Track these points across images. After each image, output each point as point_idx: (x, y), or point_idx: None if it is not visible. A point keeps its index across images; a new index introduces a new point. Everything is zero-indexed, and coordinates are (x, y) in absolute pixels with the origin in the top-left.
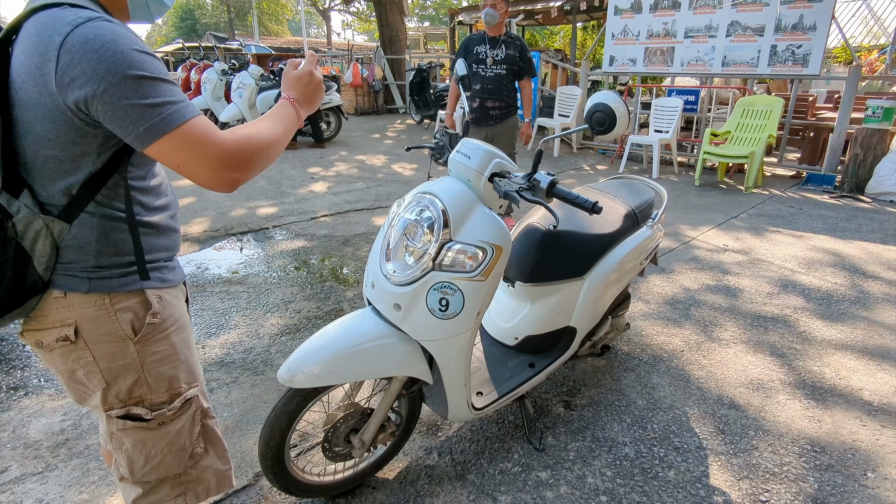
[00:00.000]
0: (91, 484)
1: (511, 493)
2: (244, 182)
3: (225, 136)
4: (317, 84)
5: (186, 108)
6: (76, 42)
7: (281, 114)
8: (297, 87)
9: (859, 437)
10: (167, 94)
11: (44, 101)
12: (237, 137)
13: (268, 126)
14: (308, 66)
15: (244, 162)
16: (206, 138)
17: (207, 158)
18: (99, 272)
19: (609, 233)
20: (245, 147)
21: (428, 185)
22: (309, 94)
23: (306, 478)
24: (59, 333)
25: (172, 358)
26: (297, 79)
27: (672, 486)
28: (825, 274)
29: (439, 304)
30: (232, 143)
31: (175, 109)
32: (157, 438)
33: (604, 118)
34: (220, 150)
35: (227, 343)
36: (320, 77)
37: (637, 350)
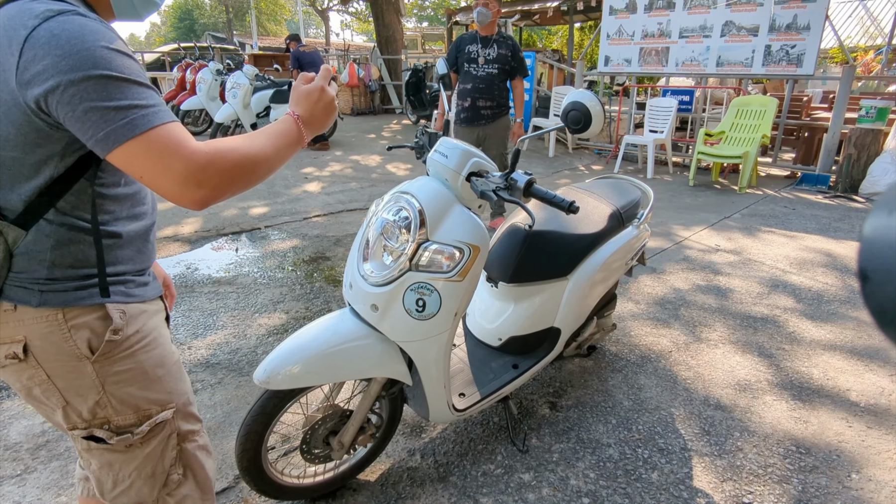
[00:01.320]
0: (69, 486)
1: (493, 495)
2: (217, 201)
3: (197, 148)
4: (328, 102)
5: (156, 113)
6: (42, 36)
7: (279, 130)
8: (305, 104)
9: (845, 438)
10: (135, 98)
11: (3, 98)
12: (212, 150)
13: (258, 142)
14: (320, 82)
15: (216, 178)
16: (174, 147)
17: (174, 170)
18: (51, 284)
19: (593, 233)
20: (219, 162)
21: (405, 184)
22: (317, 112)
23: (285, 480)
24: (7, 350)
25: (140, 378)
26: (306, 94)
27: (655, 487)
28: (816, 274)
29: (416, 305)
30: (204, 156)
31: (142, 114)
32: (124, 462)
33: (579, 117)
34: (188, 161)
35: (213, 344)
36: (333, 95)
37: (625, 350)
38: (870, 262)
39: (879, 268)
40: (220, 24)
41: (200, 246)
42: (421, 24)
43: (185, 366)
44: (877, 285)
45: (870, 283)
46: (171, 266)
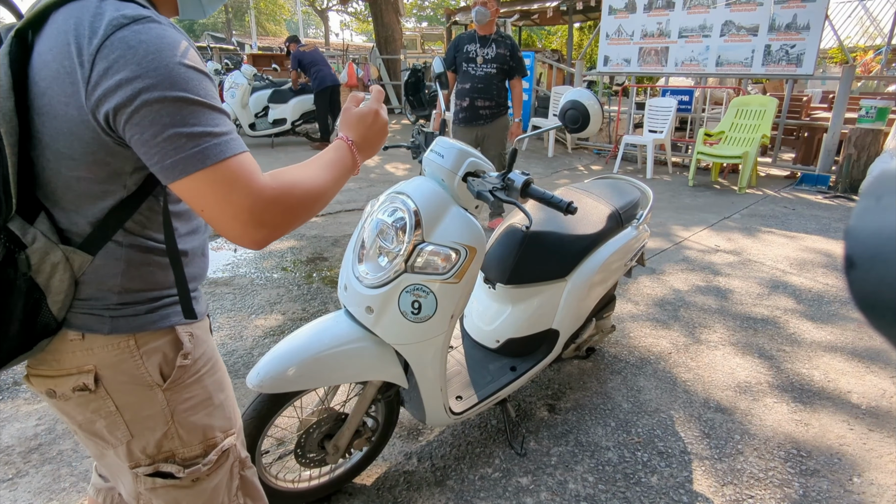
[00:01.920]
0: (61, 491)
1: (490, 499)
2: (277, 238)
3: (266, 183)
4: (382, 126)
5: (229, 143)
6: (116, 47)
7: (334, 159)
8: (359, 128)
9: (846, 441)
10: (209, 124)
11: (70, 114)
12: (280, 184)
13: (318, 174)
14: (374, 105)
15: (282, 216)
16: (245, 182)
17: (239, 206)
18: (122, 309)
19: (592, 233)
20: (285, 198)
21: (401, 185)
22: (371, 137)
23: (280, 484)
24: (75, 382)
25: (206, 404)
26: (360, 118)
27: (654, 491)
28: (817, 275)
29: (412, 307)
30: (272, 192)
31: (215, 143)
32: (192, 497)
33: (577, 116)
34: (257, 197)
35: None
36: (386, 118)
37: (624, 352)
38: (856, 249)
39: (865, 254)
40: (220, 24)
41: None
42: (420, 24)
43: None
44: (862, 271)
45: (855, 270)
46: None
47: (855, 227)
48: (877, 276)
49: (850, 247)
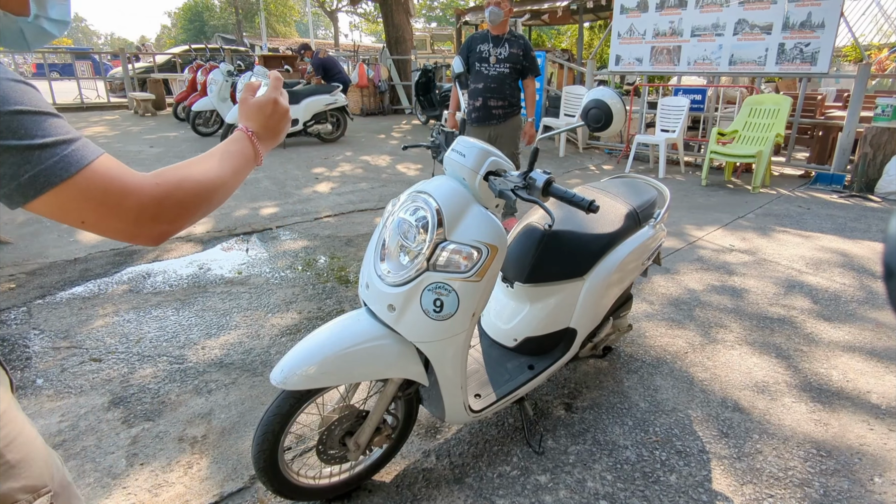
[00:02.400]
0: (86, 486)
1: (509, 496)
2: (175, 234)
3: (145, 181)
4: (283, 114)
5: (86, 146)
6: None
7: (233, 150)
8: (259, 118)
9: (866, 440)
10: (59, 132)
11: None
12: (165, 182)
13: (211, 166)
14: (273, 93)
15: (174, 210)
16: (119, 183)
17: (125, 207)
18: None
19: (610, 232)
20: (175, 194)
21: (422, 184)
22: (272, 126)
23: (301, 481)
24: None
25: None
26: (258, 108)
27: (674, 490)
28: (833, 274)
29: (434, 305)
30: (156, 190)
31: (73, 150)
32: None
33: (600, 115)
34: (139, 198)
35: (227, 344)
36: (287, 105)
37: (640, 351)
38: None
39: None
40: (230, 25)
41: (212, 246)
42: (430, 25)
43: (199, 366)
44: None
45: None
46: (183, 266)
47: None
48: None
49: (889, 256)
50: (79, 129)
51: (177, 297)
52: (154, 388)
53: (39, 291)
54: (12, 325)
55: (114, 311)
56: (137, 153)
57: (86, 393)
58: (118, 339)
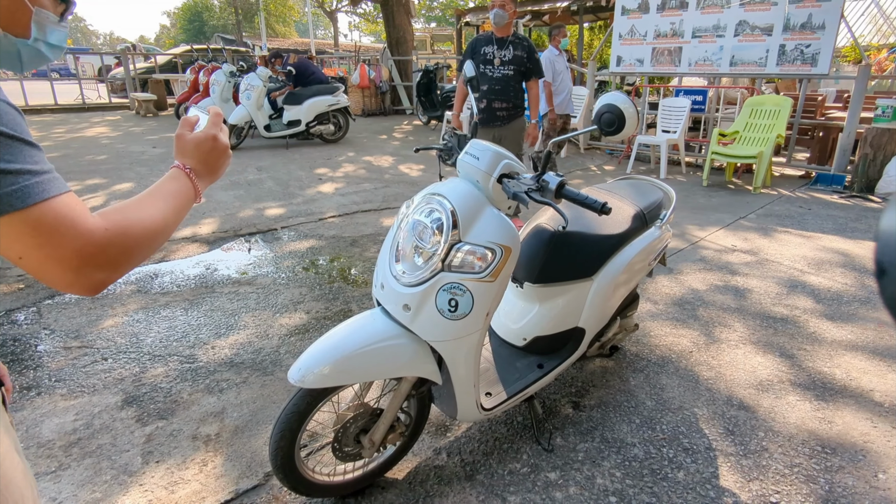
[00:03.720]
0: (103, 483)
1: (520, 493)
2: (112, 282)
3: (95, 224)
4: (222, 151)
5: (52, 181)
6: None
7: (173, 190)
8: (197, 155)
9: (870, 438)
10: (27, 161)
11: None
12: (113, 226)
13: (156, 209)
14: (212, 130)
15: (117, 259)
16: (71, 224)
17: (68, 251)
18: None
19: (618, 233)
20: (121, 240)
21: (436, 186)
22: (212, 163)
23: (316, 478)
24: None
25: None
26: (196, 145)
27: (682, 487)
28: (835, 274)
29: (448, 305)
30: (104, 236)
31: (35, 181)
32: None
33: (613, 119)
34: (87, 240)
35: (236, 343)
36: (226, 141)
37: (645, 351)
38: (887, 256)
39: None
40: (230, 25)
41: (219, 246)
42: (429, 25)
43: (209, 366)
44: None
45: (887, 277)
46: (190, 266)
47: (885, 236)
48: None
49: (881, 253)
50: (79, 131)
51: (185, 297)
52: (166, 388)
53: (48, 292)
54: (23, 325)
55: (123, 311)
56: (140, 153)
57: (99, 392)
58: (128, 339)
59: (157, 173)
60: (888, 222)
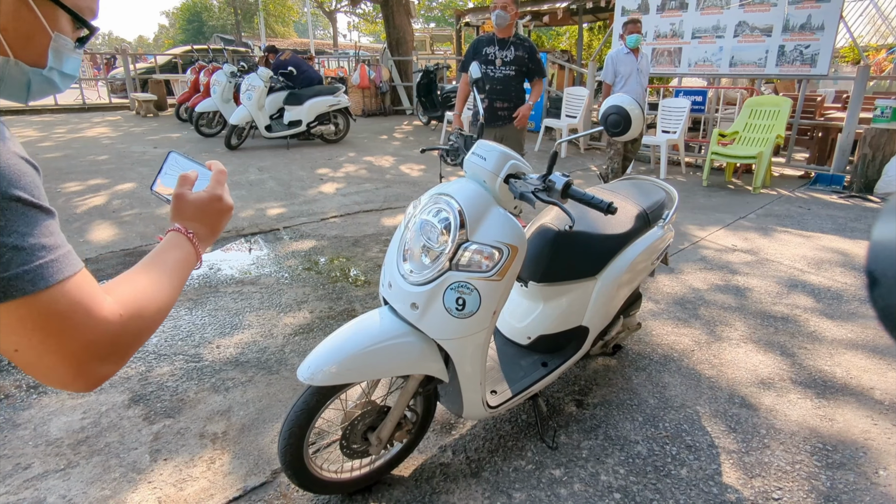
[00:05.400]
0: (112, 481)
1: (525, 490)
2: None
3: (110, 310)
4: (227, 211)
5: (68, 257)
6: None
7: (179, 260)
8: (200, 218)
9: (871, 435)
10: (43, 234)
11: None
12: (127, 311)
13: (163, 282)
14: (217, 189)
15: (128, 348)
16: (86, 309)
17: (75, 345)
18: None
19: (621, 233)
20: (135, 324)
21: (444, 186)
22: (215, 224)
23: (324, 475)
24: None
25: None
26: (200, 207)
27: (685, 483)
28: (834, 274)
29: (456, 304)
30: (118, 322)
31: (51, 259)
32: None
33: (619, 120)
34: (103, 330)
35: (241, 343)
36: (231, 201)
37: (648, 350)
38: (878, 266)
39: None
40: (229, 25)
41: (221, 246)
42: (428, 25)
43: (215, 365)
44: (885, 288)
45: (878, 287)
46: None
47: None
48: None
49: (872, 263)
50: (80, 132)
51: (189, 296)
52: (172, 386)
53: None
54: None
55: None
56: (142, 154)
57: (105, 391)
58: None
59: None
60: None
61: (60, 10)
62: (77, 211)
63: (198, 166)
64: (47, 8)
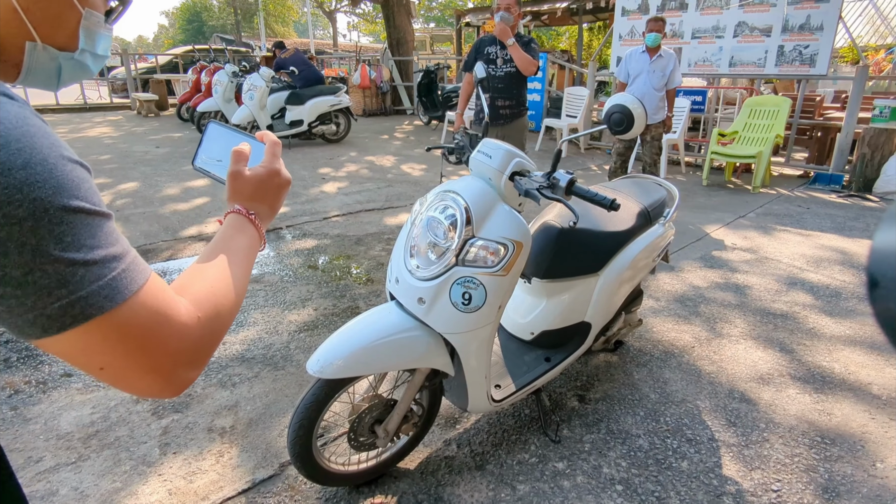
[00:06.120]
0: (123, 473)
1: (529, 482)
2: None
3: (189, 315)
4: (286, 185)
5: (137, 264)
6: None
7: (245, 245)
8: (260, 196)
9: (868, 429)
10: (109, 242)
11: None
12: (205, 313)
13: (235, 274)
14: (274, 162)
15: (209, 349)
16: (165, 321)
17: (162, 357)
18: None
19: (623, 230)
20: (215, 325)
21: (450, 183)
22: (275, 201)
23: (332, 467)
24: None
25: None
26: (259, 184)
27: (686, 476)
28: (833, 272)
29: (462, 298)
30: (198, 326)
31: (123, 270)
32: None
33: (621, 119)
34: (182, 340)
35: (247, 339)
36: (288, 175)
37: (649, 346)
38: (880, 269)
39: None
40: (229, 25)
41: None
42: (428, 25)
43: (221, 361)
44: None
45: (879, 290)
46: None
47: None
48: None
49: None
50: (82, 131)
51: None
52: None
53: None
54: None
55: None
56: (144, 153)
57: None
58: None
59: (160, 173)
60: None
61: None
62: None
63: (246, 137)
64: None
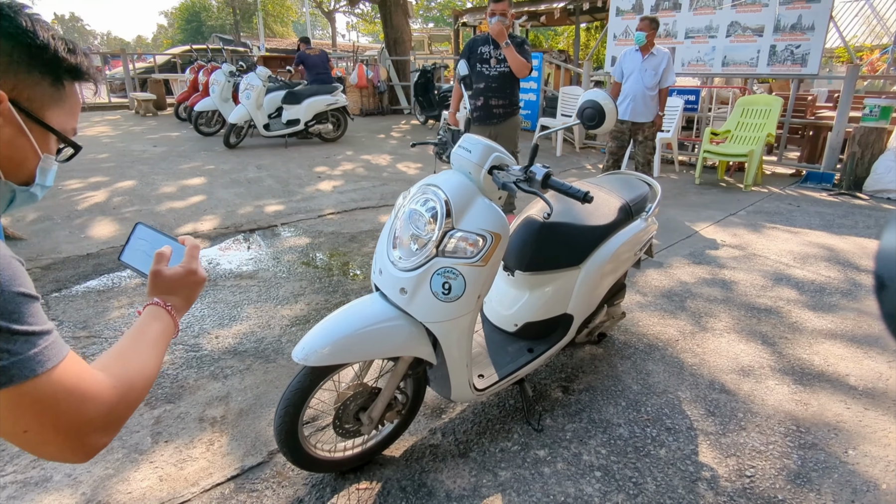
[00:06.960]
0: (115, 461)
1: (511, 469)
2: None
3: (103, 384)
4: (201, 283)
5: (57, 341)
6: None
7: (160, 331)
8: (176, 291)
9: (843, 418)
10: (41, 320)
11: None
12: (119, 383)
13: (150, 355)
14: (191, 264)
15: (122, 418)
16: (83, 387)
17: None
18: None
19: (604, 224)
20: (128, 395)
21: (431, 177)
22: (191, 296)
23: (318, 453)
24: None
25: None
26: (176, 281)
27: (663, 462)
28: (819, 268)
29: (442, 288)
30: (112, 395)
31: (48, 344)
32: None
33: (594, 114)
34: (100, 403)
35: (239, 333)
36: (204, 273)
37: (633, 339)
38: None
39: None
40: (228, 25)
41: (220, 242)
42: (427, 25)
43: (214, 354)
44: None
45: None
46: None
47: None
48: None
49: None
50: (80, 130)
51: None
52: (172, 374)
53: (55, 285)
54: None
55: (129, 303)
56: (142, 152)
57: None
58: None
59: (158, 171)
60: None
61: (50, 134)
62: (78, 208)
63: (169, 240)
64: (39, 133)
